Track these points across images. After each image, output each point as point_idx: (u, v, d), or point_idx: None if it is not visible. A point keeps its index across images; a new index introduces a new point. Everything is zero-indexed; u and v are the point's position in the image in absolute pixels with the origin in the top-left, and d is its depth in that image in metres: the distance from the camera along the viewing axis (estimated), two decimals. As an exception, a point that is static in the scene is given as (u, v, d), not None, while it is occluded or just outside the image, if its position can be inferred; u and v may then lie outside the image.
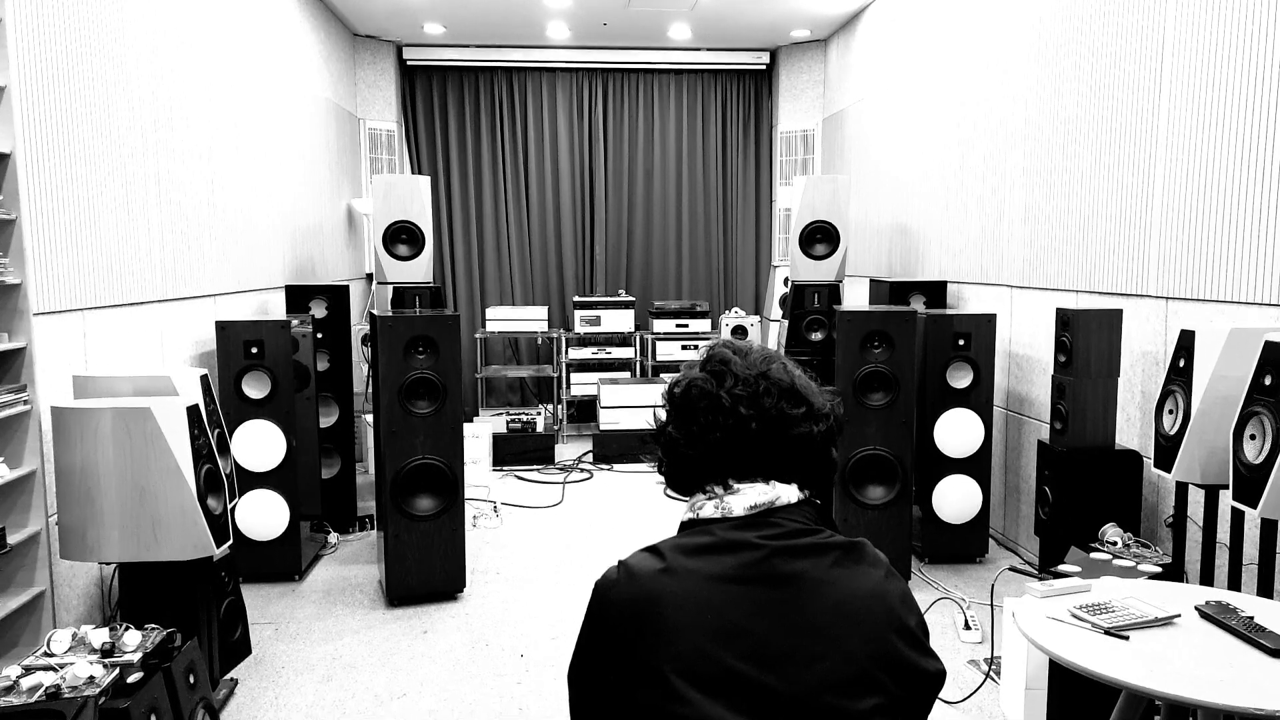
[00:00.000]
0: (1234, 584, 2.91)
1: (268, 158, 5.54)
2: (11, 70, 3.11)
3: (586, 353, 7.78)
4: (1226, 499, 2.81)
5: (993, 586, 3.96)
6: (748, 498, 1.24)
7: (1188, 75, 3.52)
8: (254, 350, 4.27)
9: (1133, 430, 3.91)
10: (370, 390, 5.63)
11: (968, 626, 3.79)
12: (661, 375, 7.68)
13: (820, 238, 5.95)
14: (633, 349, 7.84)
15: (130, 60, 3.90)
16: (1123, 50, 3.90)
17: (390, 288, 5.80)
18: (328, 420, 5.20)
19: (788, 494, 1.26)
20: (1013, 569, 4.25)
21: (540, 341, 8.30)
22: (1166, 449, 3.05)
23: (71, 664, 2.43)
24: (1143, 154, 3.79)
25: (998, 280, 5.00)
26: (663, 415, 1.34)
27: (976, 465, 4.51)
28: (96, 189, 3.63)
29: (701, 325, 7.82)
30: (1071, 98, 4.27)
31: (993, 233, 5.04)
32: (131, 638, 2.60)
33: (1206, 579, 3.08)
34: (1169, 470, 3.02)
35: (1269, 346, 2.61)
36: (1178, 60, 3.57)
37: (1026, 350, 4.73)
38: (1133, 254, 3.87)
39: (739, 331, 7.55)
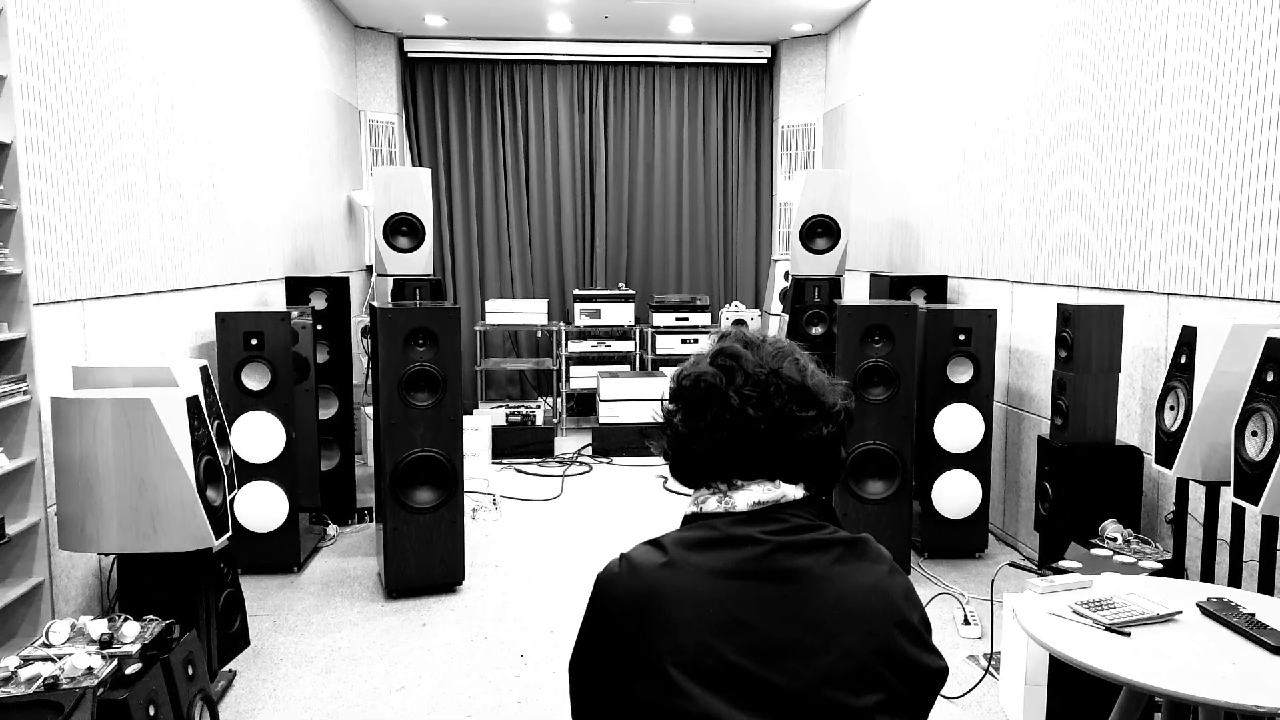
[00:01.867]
0: (1235, 581, 2.91)
1: (268, 149, 5.53)
2: (12, 59, 3.09)
3: (586, 346, 7.77)
4: (1227, 496, 2.80)
5: (992, 582, 3.96)
6: (752, 494, 1.23)
7: (1191, 67, 3.51)
8: (254, 342, 4.27)
9: (1133, 426, 3.91)
10: (370, 382, 5.62)
11: (967, 622, 3.79)
12: (661, 369, 7.67)
13: (821, 232, 5.94)
14: (632, 342, 7.83)
15: (131, 50, 3.88)
16: (1125, 41, 3.88)
17: (390, 280, 5.79)
18: (327, 412, 5.20)
19: (792, 492, 1.24)
20: (1012, 565, 4.25)
21: (540, 334, 8.29)
22: (1167, 445, 3.05)
23: (70, 655, 2.42)
24: (1145, 148, 3.78)
25: (998, 275, 4.99)
26: (670, 405, 1.30)
27: (976, 460, 4.51)
28: (97, 179, 3.62)
29: (701, 319, 7.82)
30: (1073, 91, 4.26)
31: (994, 227, 5.03)
32: (130, 629, 2.60)
33: (1207, 576, 3.08)
34: (1170, 466, 3.02)
35: (1271, 343, 2.61)
36: (1181, 51, 3.56)
37: (1027, 345, 4.73)
38: (1134, 249, 3.86)
39: (739, 325, 7.54)
